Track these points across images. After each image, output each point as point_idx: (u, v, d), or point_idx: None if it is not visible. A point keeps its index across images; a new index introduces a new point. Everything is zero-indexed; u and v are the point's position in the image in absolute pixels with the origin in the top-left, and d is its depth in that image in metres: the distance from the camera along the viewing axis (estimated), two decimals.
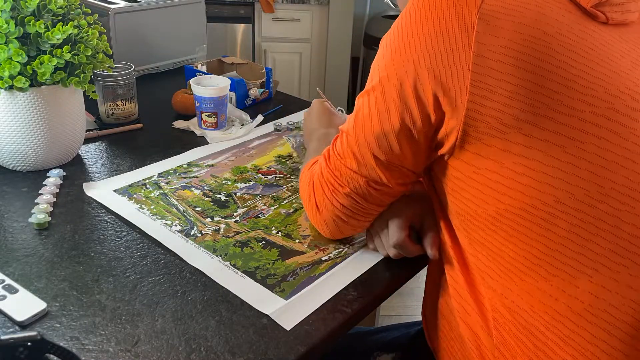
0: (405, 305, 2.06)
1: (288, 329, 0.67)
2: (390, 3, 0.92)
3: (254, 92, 1.34)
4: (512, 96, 0.57)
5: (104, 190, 0.94)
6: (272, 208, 0.92)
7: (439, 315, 0.76)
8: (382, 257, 0.81)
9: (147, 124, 1.21)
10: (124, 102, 1.17)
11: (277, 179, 1.02)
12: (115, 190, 0.94)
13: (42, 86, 0.92)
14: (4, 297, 0.68)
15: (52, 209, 0.88)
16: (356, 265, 0.80)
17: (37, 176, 0.97)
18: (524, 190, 0.59)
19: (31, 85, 0.90)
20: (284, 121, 1.26)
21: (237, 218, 0.89)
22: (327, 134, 0.97)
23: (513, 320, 0.63)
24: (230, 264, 0.78)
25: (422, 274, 0.83)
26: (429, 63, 0.60)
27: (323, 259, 0.81)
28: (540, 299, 0.60)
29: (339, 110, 1.15)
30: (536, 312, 0.61)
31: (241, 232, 0.85)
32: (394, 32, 0.65)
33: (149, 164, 1.04)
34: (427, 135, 0.64)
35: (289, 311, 0.70)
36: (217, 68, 1.44)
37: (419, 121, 0.63)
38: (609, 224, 0.57)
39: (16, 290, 0.69)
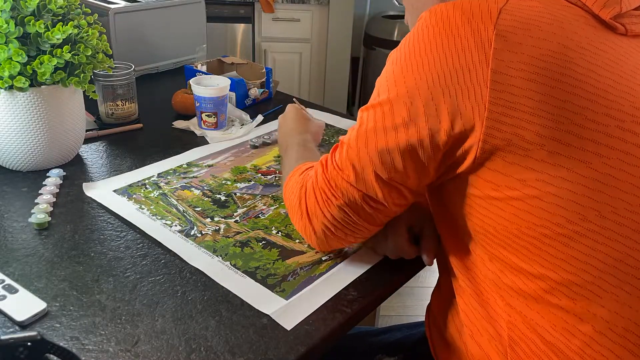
0: (405, 305, 2.06)
1: (289, 329, 0.67)
2: (395, 1, 0.91)
3: (254, 92, 1.34)
4: (533, 112, 0.56)
5: (104, 191, 0.94)
6: (272, 208, 0.92)
7: (446, 332, 0.76)
8: (382, 257, 0.81)
9: (147, 124, 1.21)
10: (124, 102, 1.17)
11: (277, 178, 1.02)
12: (114, 191, 0.94)
13: (42, 86, 0.92)
14: (4, 297, 0.68)
15: (52, 209, 0.88)
16: (356, 265, 0.80)
17: (37, 176, 0.97)
18: (549, 208, 0.57)
19: (31, 85, 0.90)
20: (260, 137, 1.18)
21: (237, 218, 0.89)
22: (305, 140, 0.94)
23: (533, 339, 0.62)
24: (231, 264, 0.78)
25: (422, 274, 0.83)
26: (443, 82, 0.58)
27: (323, 258, 0.81)
28: (563, 317, 0.59)
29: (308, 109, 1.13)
30: (558, 331, 0.59)
31: (241, 232, 0.85)
32: (404, 48, 0.63)
33: (148, 164, 1.04)
34: (436, 155, 0.62)
35: (289, 311, 0.70)
36: (217, 68, 1.44)
37: (427, 140, 0.61)
38: (636, 242, 0.56)
39: (16, 290, 0.69)
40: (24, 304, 0.67)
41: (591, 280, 0.57)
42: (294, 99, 1.21)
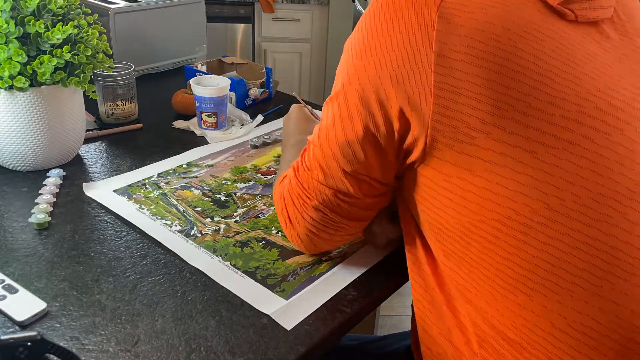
0: (405, 305, 2.06)
1: (289, 329, 0.67)
2: (358, 4, 0.91)
3: (254, 92, 1.34)
4: (478, 98, 0.54)
5: (104, 191, 0.94)
6: (272, 208, 0.92)
7: (422, 332, 0.74)
8: (382, 257, 0.81)
9: (147, 124, 1.21)
10: (124, 102, 1.17)
11: None
12: (114, 191, 0.94)
13: (42, 86, 0.92)
14: (4, 297, 0.68)
15: (52, 209, 0.88)
16: (356, 265, 0.80)
17: (37, 176, 0.97)
18: (498, 200, 0.56)
19: (31, 85, 0.90)
20: (260, 137, 1.17)
21: (237, 218, 0.89)
22: (302, 140, 0.93)
23: (496, 337, 0.60)
24: (231, 264, 0.78)
25: None
26: (389, 66, 0.57)
27: (323, 258, 0.80)
28: (522, 314, 0.58)
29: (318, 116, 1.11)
30: (518, 329, 0.58)
31: (241, 232, 0.85)
32: (355, 35, 0.62)
33: (148, 164, 1.04)
34: (393, 141, 0.61)
35: (289, 311, 0.70)
36: (217, 68, 1.44)
37: (382, 127, 0.60)
38: (587, 236, 0.54)
39: (16, 290, 0.69)
40: (24, 304, 0.67)
41: (545, 275, 0.55)
42: (293, 93, 1.21)
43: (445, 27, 0.55)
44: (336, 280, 0.76)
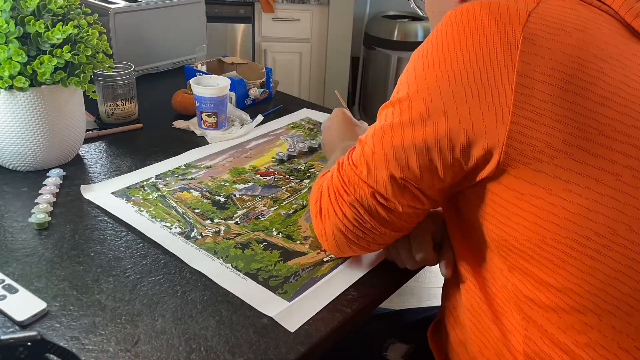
0: (405, 305, 2.06)
1: (292, 331, 0.67)
2: (417, 9, 0.88)
3: (254, 92, 1.34)
4: (560, 119, 0.54)
5: (102, 193, 0.93)
6: (272, 209, 0.92)
7: (448, 345, 0.75)
8: (383, 258, 0.81)
9: (147, 124, 1.21)
10: (124, 102, 1.17)
11: (276, 179, 1.02)
12: (112, 193, 0.94)
13: (42, 86, 0.92)
14: (4, 297, 0.68)
15: (52, 209, 0.88)
16: (358, 266, 0.80)
17: (37, 176, 0.97)
18: (575, 219, 0.56)
19: (31, 85, 0.90)
20: (295, 146, 1.14)
21: (237, 220, 0.89)
22: (351, 146, 0.92)
23: (552, 355, 0.60)
24: (232, 266, 0.78)
25: (422, 274, 0.83)
26: (466, 80, 0.57)
27: (325, 259, 0.81)
28: (587, 333, 0.57)
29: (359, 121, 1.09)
30: (580, 347, 0.58)
31: (242, 234, 0.85)
32: (427, 45, 0.61)
33: (149, 164, 1.04)
34: (451, 157, 0.60)
35: (292, 313, 0.70)
36: (217, 68, 1.44)
37: (445, 140, 0.59)
38: None
39: (16, 290, 0.69)
40: (24, 304, 0.67)
41: (618, 296, 0.56)
42: (335, 92, 1.16)
43: (529, 48, 0.55)
44: (338, 281, 0.76)
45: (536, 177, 0.56)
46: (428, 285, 2.09)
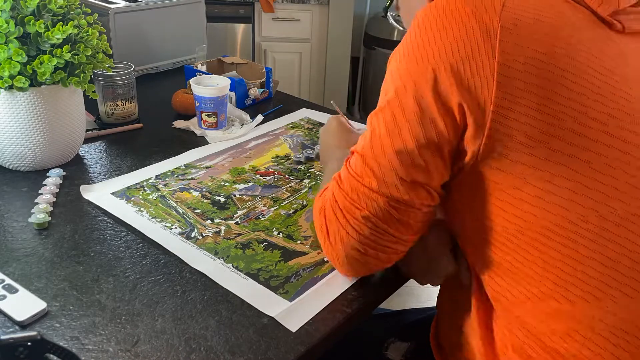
0: (406, 305, 2.06)
1: (294, 331, 0.67)
2: (395, 24, 0.89)
3: (254, 92, 1.34)
4: (538, 108, 0.55)
5: (101, 193, 0.93)
6: (272, 209, 0.92)
7: (449, 338, 0.75)
8: None
9: (147, 124, 1.21)
10: (124, 101, 1.17)
11: (276, 179, 1.02)
12: (112, 193, 0.94)
13: (42, 86, 0.92)
14: (4, 297, 0.68)
15: (52, 208, 0.88)
16: None
17: (37, 176, 0.97)
18: (550, 208, 0.57)
19: (31, 85, 0.90)
20: (303, 153, 1.11)
21: (238, 220, 0.89)
22: (345, 155, 0.85)
23: (532, 344, 0.61)
24: (233, 266, 0.78)
25: None
26: (450, 71, 0.57)
27: (325, 259, 0.80)
28: (562, 320, 0.58)
29: (354, 127, 1.05)
30: (557, 335, 0.59)
31: (242, 234, 0.85)
32: (406, 43, 0.62)
33: (149, 164, 1.04)
34: (453, 147, 0.61)
35: (293, 313, 0.70)
36: (217, 68, 1.44)
37: (444, 131, 0.59)
38: (636, 244, 0.56)
39: (16, 290, 0.69)
40: (24, 304, 0.67)
41: (590, 282, 0.57)
42: (331, 102, 1.14)
43: (508, 37, 0.55)
44: (339, 281, 0.76)
45: (514, 167, 0.57)
46: (428, 285, 2.09)
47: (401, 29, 0.86)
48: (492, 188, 0.59)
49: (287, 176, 1.03)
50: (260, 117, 1.25)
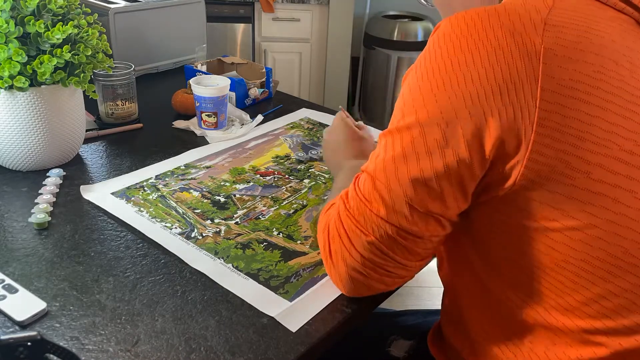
0: (405, 305, 2.06)
1: (294, 331, 0.67)
2: (423, 2, 0.80)
3: (254, 92, 1.34)
4: (581, 136, 0.51)
5: (101, 193, 0.93)
6: (272, 209, 0.92)
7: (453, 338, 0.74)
8: None
9: (147, 124, 1.21)
10: (124, 101, 1.17)
11: (276, 179, 1.02)
12: (112, 193, 0.94)
13: (42, 86, 0.92)
14: (4, 297, 0.68)
15: (52, 208, 0.88)
16: None
17: (37, 176, 0.97)
18: (589, 240, 0.53)
19: (31, 85, 0.90)
20: (307, 153, 1.11)
21: (238, 220, 0.89)
22: (357, 166, 0.77)
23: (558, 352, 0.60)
24: (233, 266, 0.78)
25: (422, 274, 0.83)
26: (484, 100, 0.52)
27: None
28: (594, 350, 0.57)
29: (359, 122, 1.01)
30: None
31: (242, 234, 0.85)
32: (430, 62, 0.55)
33: (149, 164, 1.04)
34: (476, 179, 0.56)
35: (294, 313, 0.70)
36: (217, 68, 1.44)
37: (468, 164, 0.55)
38: None
39: (16, 290, 0.69)
40: (24, 304, 0.67)
41: (627, 315, 0.55)
42: (339, 107, 1.07)
43: (552, 59, 0.51)
44: None
45: (551, 198, 0.53)
46: (428, 286, 2.09)
47: (425, 3, 0.79)
48: (526, 219, 0.55)
49: (287, 176, 1.03)
50: (260, 117, 1.25)
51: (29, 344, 0.53)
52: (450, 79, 0.54)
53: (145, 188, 0.96)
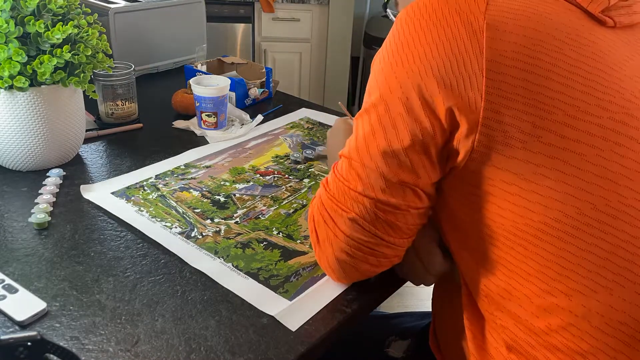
0: (405, 305, 2.06)
1: (293, 330, 0.67)
2: (391, 15, 0.89)
3: (254, 92, 1.34)
4: (529, 102, 0.55)
5: (102, 193, 0.93)
6: (272, 209, 0.92)
7: (449, 338, 0.75)
8: None
9: (147, 124, 1.21)
10: (123, 101, 1.17)
11: (276, 179, 1.02)
12: (112, 193, 0.94)
13: (42, 86, 0.92)
14: (4, 297, 0.68)
15: (52, 208, 0.88)
16: None
17: (37, 176, 0.97)
18: (546, 202, 0.56)
19: (31, 85, 0.90)
20: (301, 153, 1.11)
21: (237, 219, 0.89)
22: None
23: (529, 340, 0.61)
24: (233, 265, 0.78)
25: None
26: (437, 72, 0.57)
27: None
28: (559, 315, 0.58)
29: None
30: (554, 330, 0.59)
31: (242, 234, 0.85)
32: (390, 45, 0.62)
33: (149, 164, 1.04)
34: (439, 147, 0.61)
35: (293, 312, 0.70)
36: (217, 68, 1.44)
37: (431, 132, 0.59)
38: (630, 235, 0.55)
39: (16, 290, 0.69)
40: (24, 304, 0.67)
41: (587, 275, 0.56)
42: (339, 103, 1.10)
43: (494, 33, 0.56)
44: None
45: (508, 163, 0.57)
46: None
47: (393, 18, 0.86)
48: (487, 185, 0.59)
49: (286, 176, 1.03)
50: (260, 117, 1.25)
51: (29, 344, 0.53)
52: (407, 56, 0.59)
53: (145, 188, 0.96)
